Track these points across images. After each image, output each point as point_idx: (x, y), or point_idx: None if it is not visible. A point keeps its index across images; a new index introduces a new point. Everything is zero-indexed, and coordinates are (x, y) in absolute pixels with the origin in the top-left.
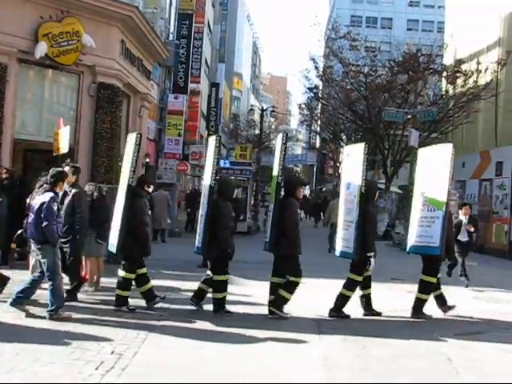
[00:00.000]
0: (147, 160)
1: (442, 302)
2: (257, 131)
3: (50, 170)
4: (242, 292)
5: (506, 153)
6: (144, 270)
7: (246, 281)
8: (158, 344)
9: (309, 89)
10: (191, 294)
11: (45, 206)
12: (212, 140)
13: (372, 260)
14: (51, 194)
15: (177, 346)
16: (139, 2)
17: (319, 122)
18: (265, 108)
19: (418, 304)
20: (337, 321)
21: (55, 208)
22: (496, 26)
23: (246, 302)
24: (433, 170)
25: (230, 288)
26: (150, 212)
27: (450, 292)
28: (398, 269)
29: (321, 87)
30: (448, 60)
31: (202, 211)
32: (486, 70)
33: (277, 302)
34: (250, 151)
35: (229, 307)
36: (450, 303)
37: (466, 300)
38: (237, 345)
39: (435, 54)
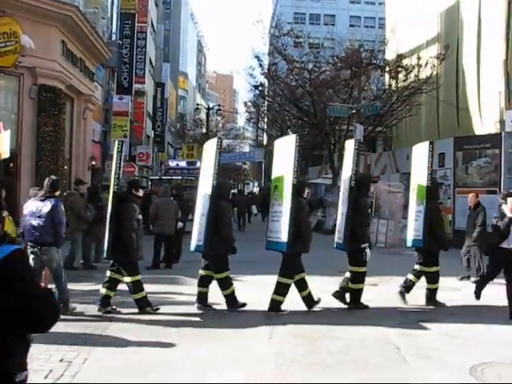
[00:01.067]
0: (93, 163)
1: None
2: (204, 130)
3: (47, 179)
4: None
5: (448, 144)
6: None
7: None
8: (108, 350)
9: (254, 86)
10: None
11: (56, 210)
12: (213, 142)
13: (368, 251)
14: (55, 200)
15: (128, 351)
16: (79, 2)
17: (266, 120)
18: (211, 107)
19: (430, 294)
20: (288, 316)
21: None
22: (434, 21)
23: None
24: (417, 166)
25: (180, 288)
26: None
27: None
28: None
29: (266, 85)
30: (390, 55)
31: (202, 211)
32: (426, 65)
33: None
34: (197, 151)
35: (180, 307)
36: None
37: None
38: (188, 344)
39: (377, 49)
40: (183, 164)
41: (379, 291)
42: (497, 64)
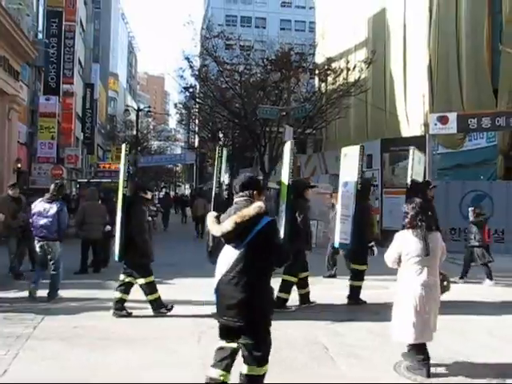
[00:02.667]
0: (18, 165)
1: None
2: (134, 132)
3: (54, 184)
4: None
5: (375, 146)
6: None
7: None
8: (30, 359)
9: (184, 88)
10: (69, 302)
11: (62, 211)
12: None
13: (375, 248)
14: (61, 203)
15: (50, 359)
16: None
17: (197, 122)
18: (142, 108)
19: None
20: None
21: None
22: (363, 27)
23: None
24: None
25: (108, 293)
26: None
27: (327, 281)
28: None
29: (198, 86)
30: (319, 58)
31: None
32: (354, 68)
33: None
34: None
35: (108, 312)
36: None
37: (340, 287)
38: (114, 349)
39: (307, 52)
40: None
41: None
42: (421, 69)
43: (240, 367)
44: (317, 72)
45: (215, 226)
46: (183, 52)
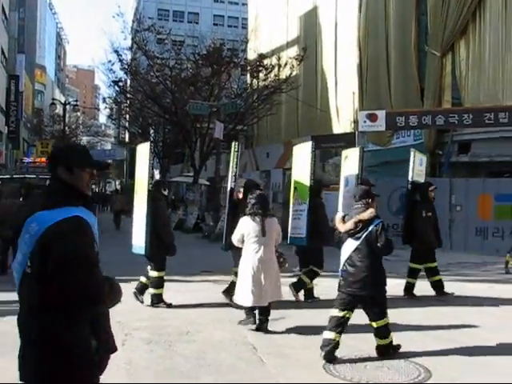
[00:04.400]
0: None
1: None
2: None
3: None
4: None
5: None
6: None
7: None
8: None
9: (114, 82)
10: None
11: None
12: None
13: None
14: None
15: None
16: None
17: (127, 117)
18: (71, 102)
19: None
20: (140, 321)
21: None
22: (294, 24)
23: None
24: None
25: None
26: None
27: None
28: (208, 261)
29: (128, 81)
30: (251, 55)
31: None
32: (285, 65)
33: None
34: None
35: None
36: None
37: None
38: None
39: (239, 48)
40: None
41: None
42: (352, 67)
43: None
44: (248, 68)
45: (341, 225)
46: (112, 45)
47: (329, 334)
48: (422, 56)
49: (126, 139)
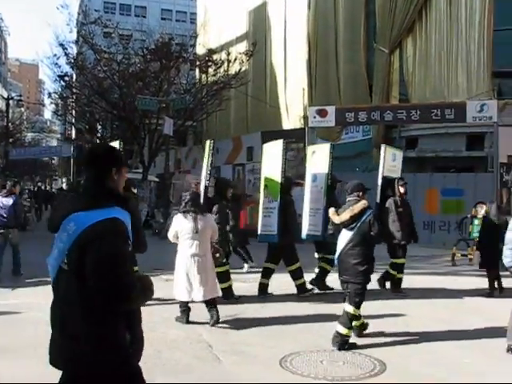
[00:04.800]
0: None
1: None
2: (5, 122)
3: (9, 182)
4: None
5: (256, 138)
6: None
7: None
8: None
9: (59, 76)
10: None
11: (17, 203)
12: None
13: None
14: (16, 196)
15: None
16: None
17: (74, 113)
18: (12, 97)
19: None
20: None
21: None
22: (244, 19)
23: None
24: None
25: None
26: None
27: None
28: (159, 258)
29: (74, 75)
30: (200, 50)
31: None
32: (235, 60)
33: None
34: None
35: None
36: None
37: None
38: None
39: (188, 43)
40: None
41: None
42: (301, 62)
43: None
44: (197, 63)
45: (335, 217)
46: (57, 38)
47: (341, 329)
48: (371, 53)
49: (73, 136)
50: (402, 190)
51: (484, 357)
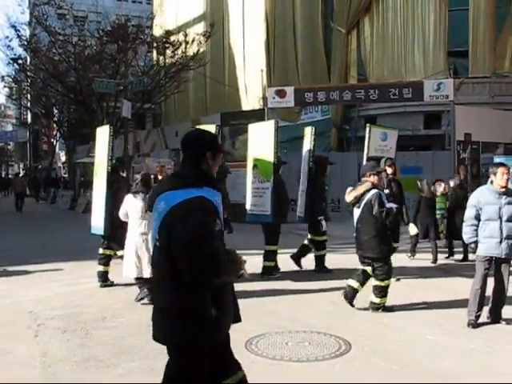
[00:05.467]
0: None
1: None
2: None
3: None
4: None
5: (215, 120)
6: None
7: None
8: None
9: (12, 59)
10: None
11: None
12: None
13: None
14: None
15: None
16: None
17: (29, 97)
18: None
19: (266, 271)
20: (53, 310)
21: None
22: (201, 0)
23: None
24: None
25: None
26: None
27: None
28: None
29: (28, 58)
30: (157, 31)
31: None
32: (192, 42)
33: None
34: None
35: None
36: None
37: None
38: None
39: (145, 25)
40: None
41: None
42: (260, 43)
43: None
44: (155, 45)
45: (347, 196)
46: (9, 19)
47: (352, 283)
48: (329, 33)
49: (29, 120)
50: (389, 170)
51: (446, 332)
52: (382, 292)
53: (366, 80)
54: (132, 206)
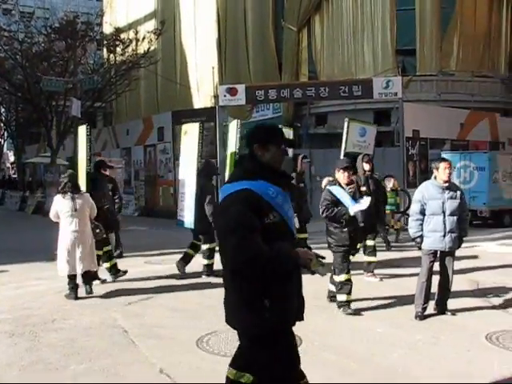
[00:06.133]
0: None
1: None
2: None
3: None
4: None
5: (167, 118)
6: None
7: None
8: None
9: None
10: None
11: None
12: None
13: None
14: None
15: None
16: None
17: None
18: None
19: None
20: (0, 314)
21: None
22: None
23: None
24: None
25: None
26: None
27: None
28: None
29: None
30: (107, 28)
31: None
32: (143, 39)
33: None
34: None
35: None
36: (122, 268)
37: (138, 265)
38: None
39: (95, 22)
40: None
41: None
42: (211, 41)
43: None
44: (105, 42)
45: None
46: None
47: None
48: (280, 31)
49: None
50: (366, 166)
51: (395, 325)
52: (338, 287)
53: (316, 78)
54: (61, 206)
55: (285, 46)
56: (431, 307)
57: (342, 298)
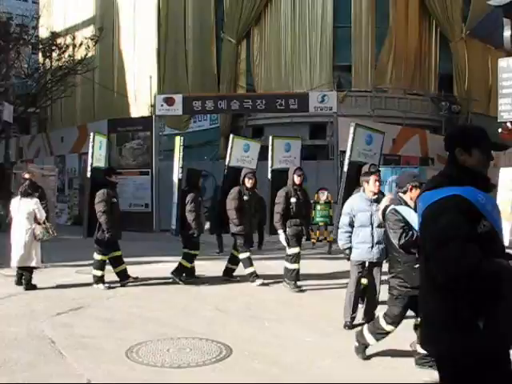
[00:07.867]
0: None
1: None
2: None
3: None
4: None
5: (102, 126)
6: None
7: None
8: None
9: None
10: None
11: None
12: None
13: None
14: None
15: None
16: None
17: None
18: None
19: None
20: None
21: None
22: (90, 2)
23: None
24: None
25: None
26: None
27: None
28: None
29: None
30: (43, 32)
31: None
32: (80, 45)
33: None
34: None
35: None
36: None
37: (69, 274)
38: None
39: (30, 25)
40: None
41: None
42: (150, 50)
43: None
44: (40, 47)
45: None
46: None
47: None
48: (219, 42)
49: None
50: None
51: (324, 334)
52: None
53: (254, 90)
54: (12, 207)
55: (223, 58)
56: (359, 317)
57: None
